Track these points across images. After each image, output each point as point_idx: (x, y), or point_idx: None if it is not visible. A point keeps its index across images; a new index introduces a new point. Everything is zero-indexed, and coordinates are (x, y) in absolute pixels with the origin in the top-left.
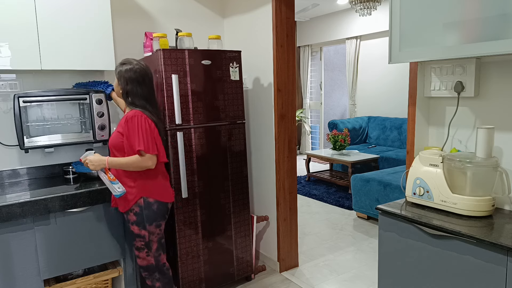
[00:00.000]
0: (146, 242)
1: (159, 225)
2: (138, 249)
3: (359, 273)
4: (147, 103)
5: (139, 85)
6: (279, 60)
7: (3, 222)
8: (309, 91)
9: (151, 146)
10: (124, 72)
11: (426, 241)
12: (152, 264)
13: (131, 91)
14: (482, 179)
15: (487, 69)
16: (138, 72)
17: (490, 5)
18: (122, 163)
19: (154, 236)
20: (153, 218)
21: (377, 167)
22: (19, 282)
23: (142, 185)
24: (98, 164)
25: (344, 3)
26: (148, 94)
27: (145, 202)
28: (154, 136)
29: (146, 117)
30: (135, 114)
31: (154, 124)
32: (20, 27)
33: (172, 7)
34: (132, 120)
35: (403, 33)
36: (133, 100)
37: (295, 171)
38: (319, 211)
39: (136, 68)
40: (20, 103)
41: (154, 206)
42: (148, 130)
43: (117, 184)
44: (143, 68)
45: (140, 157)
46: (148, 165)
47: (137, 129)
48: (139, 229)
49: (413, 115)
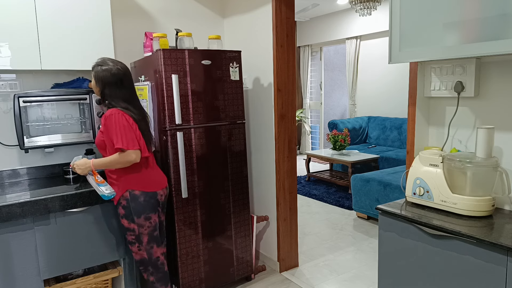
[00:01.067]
0: (136, 235)
1: (149, 217)
2: (130, 243)
3: (359, 273)
4: (129, 105)
5: (117, 88)
6: (279, 60)
7: (3, 222)
8: (309, 91)
9: (131, 141)
10: (101, 73)
11: (426, 241)
12: (145, 258)
13: (109, 95)
14: (482, 179)
15: (487, 69)
16: (116, 74)
17: (490, 5)
18: (106, 163)
19: (144, 229)
20: (141, 210)
21: (377, 167)
22: (19, 282)
23: (125, 178)
24: (84, 167)
25: (344, 3)
26: (129, 96)
27: (131, 195)
28: (134, 130)
29: (123, 113)
30: (111, 112)
31: (132, 119)
32: (20, 27)
33: (172, 7)
34: (110, 119)
35: (403, 33)
36: (112, 102)
37: (295, 171)
38: (319, 211)
39: (113, 70)
40: (20, 103)
41: (140, 198)
42: (127, 126)
43: (105, 186)
44: (120, 70)
45: (121, 153)
46: (132, 159)
47: (114, 126)
48: (128, 222)
49: (413, 115)
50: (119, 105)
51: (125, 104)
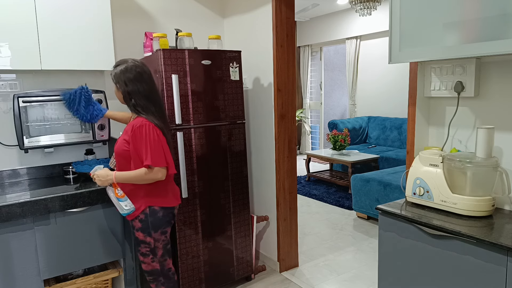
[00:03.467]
0: (152, 248)
1: (165, 232)
2: (143, 255)
3: (359, 273)
4: (150, 103)
5: (139, 83)
6: (279, 60)
7: (3, 222)
8: (309, 91)
9: (160, 158)
10: (120, 73)
11: (426, 241)
12: (157, 269)
13: (132, 91)
14: (482, 179)
15: (487, 69)
16: (135, 69)
17: (490, 5)
18: (130, 177)
19: (160, 243)
20: (158, 225)
21: (377, 167)
22: (19, 282)
23: (148, 194)
24: (105, 179)
25: (344, 3)
26: (150, 92)
27: (150, 210)
28: (163, 146)
29: (154, 127)
30: (142, 123)
31: (162, 133)
32: (20, 27)
33: (172, 7)
34: (140, 130)
35: (403, 33)
36: (136, 100)
37: (295, 171)
38: (319, 211)
39: (131, 66)
40: (20, 103)
41: (159, 214)
42: (157, 141)
43: (125, 201)
44: (138, 65)
45: (148, 170)
46: (158, 178)
47: (144, 140)
48: (144, 236)
49: (413, 115)
50: (141, 102)
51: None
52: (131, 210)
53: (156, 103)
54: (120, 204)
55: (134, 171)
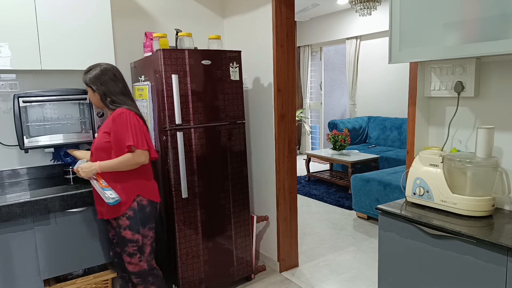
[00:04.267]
0: (139, 246)
1: (152, 227)
2: (130, 255)
3: (359, 273)
4: (126, 98)
5: (113, 82)
6: (279, 60)
7: (3, 222)
8: (309, 91)
9: (141, 141)
10: (93, 77)
11: (426, 241)
12: (145, 269)
13: (108, 91)
14: (482, 179)
15: (487, 69)
16: (107, 70)
17: (490, 5)
18: (114, 164)
19: (148, 239)
20: (146, 220)
21: (377, 167)
22: (19, 282)
23: (133, 183)
24: (89, 170)
25: (344, 3)
26: (124, 90)
27: (138, 205)
28: (144, 131)
29: (134, 113)
30: (122, 111)
31: (142, 120)
32: (20, 27)
33: (172, 7)
34: (121, 117)
35: (403, 33)
36: (113, 98)
37: (295, 171)
38: (319, 211)
39: (104, 68)
40: (20, 103)
41: (147, 208)
42: (137, 125)
43: (110, 190)
44: (110, 68)
45: (131, 153)
46: (142, 161)
47: (126, 125)
48: (132, 233)
49: (413, 115)
50: (119, 99)
51: (123, 97)
52: (117, 199)
53: (131, 100)
54: (105, 193)
55: (117, 158)
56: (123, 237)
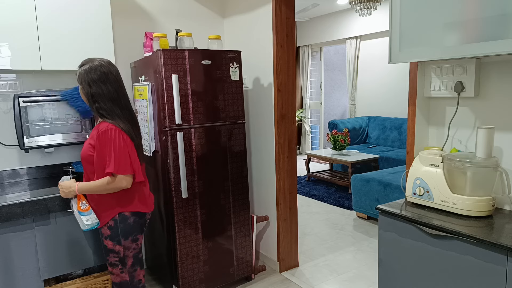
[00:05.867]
0: (121, 257)
1: (136, 239)
2: (112, 265)
3: (359, 273)
4: (115, 105)
5: (103, 84)
6: (279, 60)
7: (3, 222)
8: (309, 91)
9: (123, 166)
10: (84, 73)
11: (426, 241)
12: (126, 281)
13: (96, 93)
14: (482, 179)
15: (487, 69)
16: (100, 69)
17: (490, 5)
18: (93, 187)
19: (130, 252)
20: (129, 232)
21: (377, 167)
22: (19, 282)
23: (117, 200)
24: (68, 191)
25: (344, 3)
26: (116, 94)
27: (120, 216)
28: (129, 152)
29: (121, 131)
30: (108, 127)
31: (129, 139)
32: (20, 27)
33: (172, 7)
34: (105, 135)
35: (403, 33)
36: (100, 103)
37: (295, 171)
38: (319, 211)
39: (96, 65)
40: (20, 103)
41: (130, 220)
42: (122, 147)
43: (88, 215)
44: (104, 65)
45: (111, 178)
46: (122, 186)
47: (109, 145)
48: (113, 244)
49: (413, 115)
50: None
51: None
52: (93, 226)
53: (123, 105)
54: (81, 218)
55: (96, 181)
56: (104, 246)
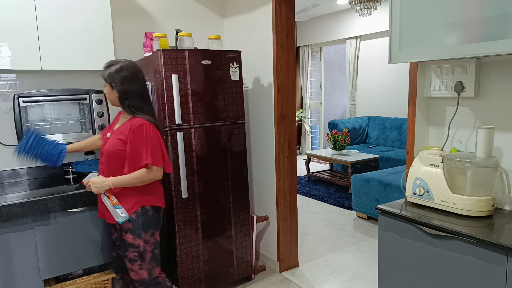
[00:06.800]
0: (140, 252)
1: (154, 233)
2: (131, 261)
3: (359, 273)
4: (143, 102)
5: (134, 82)
6: (279, 60)
7: (3, 222)
8: (309, 91)
9: (158, 158)
10: (115, 72)
11: (426, 241)
12: (145, 278)
13: (127, 91)
14: (482, 179)
15: (487, 69)
16: (130, 69)
17: (490, 5)
18: (128, 180)
19: (149, 246)
20: (149, 225)
21: (377, 167)
22: (19, 282)
23: (141, 194)
24: (101, 186)
25: (344, 3)
26: (143, 92)
27: (142, 209)
28: (161, 145)
29: (153, 126)
30: (141, 122)
31: (159, 133)
32: (20, 27)
33: (172, 7)
34: (140, 130)
35: (403, 33)
36: (130, 100)
37: (295, 171)
38: (319, 211)
39: (126, 65)
40: (20, 103)
41: (150, 213)
42: (156, 140)
43: (121, 209)
44: (132, 65)
45: (147, 170)
46: (157, 178)
47: (145, 139)
48: (133, 237)
49: (413, 115)
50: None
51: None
52: (127, 217)
53: (148, 102)
54: (117, 212)
55: (132, 174)
56: (124, 240)
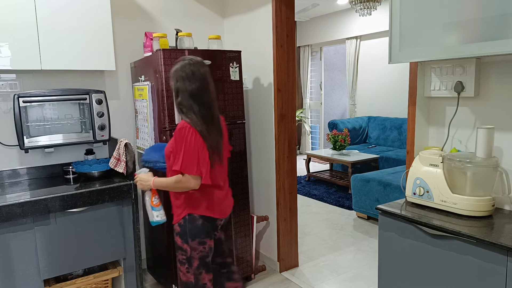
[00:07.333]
0: (188, 257)
1: (203, 242)
2: (180, 263)
3: (359, 273)
4: (194, 102)
5: (188, 81)
6: (279, 60)
7: (3, 222)
8: (309, 91)
9: (190, 165)
10: (174, 70)
11: (426, 241)
12: (191, 282)
13: (180, 89)
14: (482, 179)
15: (487, 69)
16: (188, 67)
17: (490, 5)
18: (165, 184)
19: (196, 253)
20: (196, 234)
21: (377, 167)
22: (19, 282)
23: (188, 200)
24: (146, 184)
25: (344, 3)
26: (198, 91)
27: (189, 217)
28: (198, 153)
29: (194, 130)
30: (183, 125)
31: (201, 139)
32: (20, 27)
33: (172, 7)
34: (180, 133)
35: (403, 33)
36: (182, 98)
37: (295, 171)
38: (319, 211)
39: (185, 64)
40: (20, 103)
41: (199, 222)
42: (192, 146)
43: (158, 211)
44: (193, 63)
45: (182, 177)
46: (191, 186)
47: (181, 144)
48: (182, 242)
49: (413, 115)
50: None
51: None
52: (161, 221)
53: (203, 102)
54: (152, 213)
55: (169, 178)
56: (175, 241)
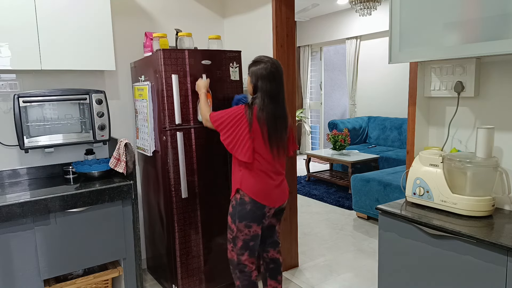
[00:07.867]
0: (233, 236)
1: (250, 226)
2: (228, 240)
3: (359, 273)
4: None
5: (269, 82)
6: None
7: (3, 222)
8: (309, 91)
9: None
10: (256, 69)
11: (426, 241)
12: (234, 259)
13: (260, 87)
14: (482, 179)
15: (487, 69)
16: (269, 68)
17: (490, 5)
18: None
19: (242, 235)
20: (244, 217)
21: (377, 167)
22: (19, 282)
23: (241, 178)
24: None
25: (344, 3)
26: (275, 91)
27: (240, 199)
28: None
29: (242, 113)
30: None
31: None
32: (20, 27)
33: (172, 7)
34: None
35: (403, 33)
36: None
37: (295, 171)
38: (319, 211)
39: (268, 65)
40: (20, 103)
41: (248, 206)
42: (231, 115)
43: None
44: (274, 65)
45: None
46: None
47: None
48: (231, 221)
49: (413, 115)
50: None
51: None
52: None
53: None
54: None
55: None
56: (227, 220)
